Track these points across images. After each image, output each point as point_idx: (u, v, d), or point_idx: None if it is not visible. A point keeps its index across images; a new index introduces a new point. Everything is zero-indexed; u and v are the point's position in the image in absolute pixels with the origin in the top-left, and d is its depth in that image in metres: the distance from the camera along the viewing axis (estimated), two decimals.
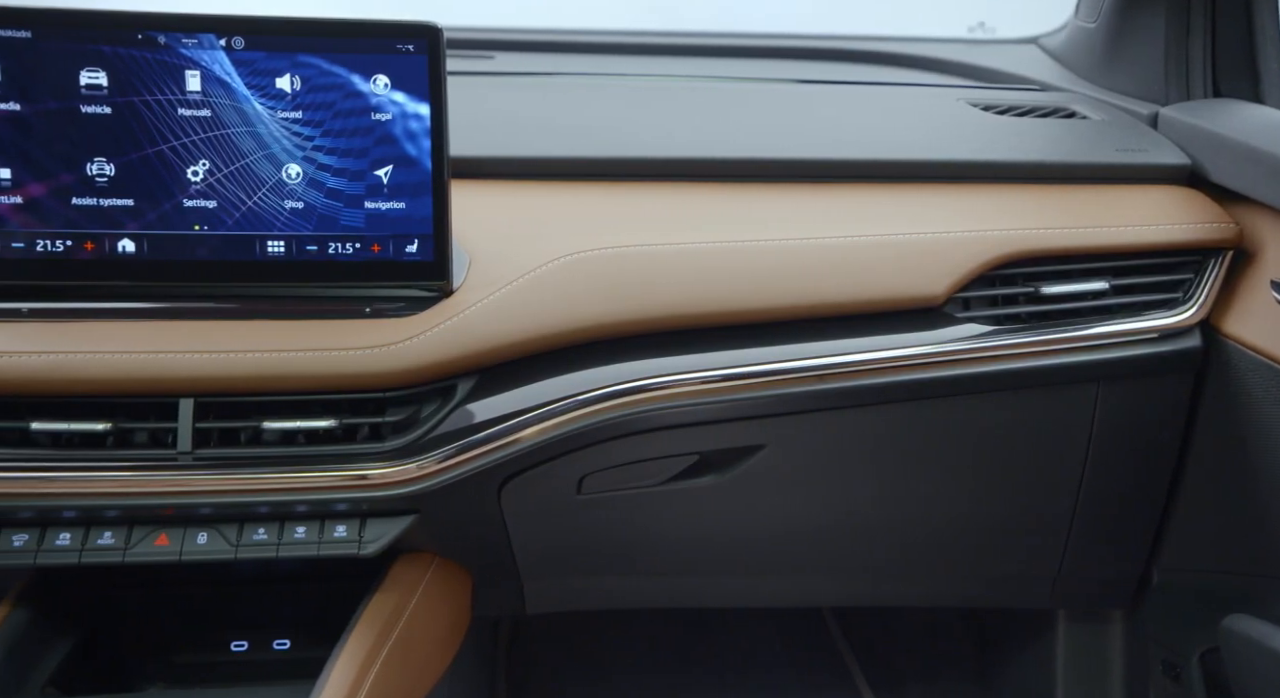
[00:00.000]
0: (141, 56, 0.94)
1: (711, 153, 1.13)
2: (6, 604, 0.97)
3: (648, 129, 1.18)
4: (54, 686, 0.96)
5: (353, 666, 0.92)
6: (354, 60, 0.96)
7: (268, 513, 0.95)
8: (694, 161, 1.12)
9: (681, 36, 1.35)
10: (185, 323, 0.95)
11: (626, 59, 1.35)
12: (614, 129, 1.17)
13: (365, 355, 0.94)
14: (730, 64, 1.37)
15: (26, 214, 0.95)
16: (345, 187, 0.98)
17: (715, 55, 1.38)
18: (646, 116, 1.21)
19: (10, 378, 0.90)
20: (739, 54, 1.40)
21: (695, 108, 1.23)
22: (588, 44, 1.35)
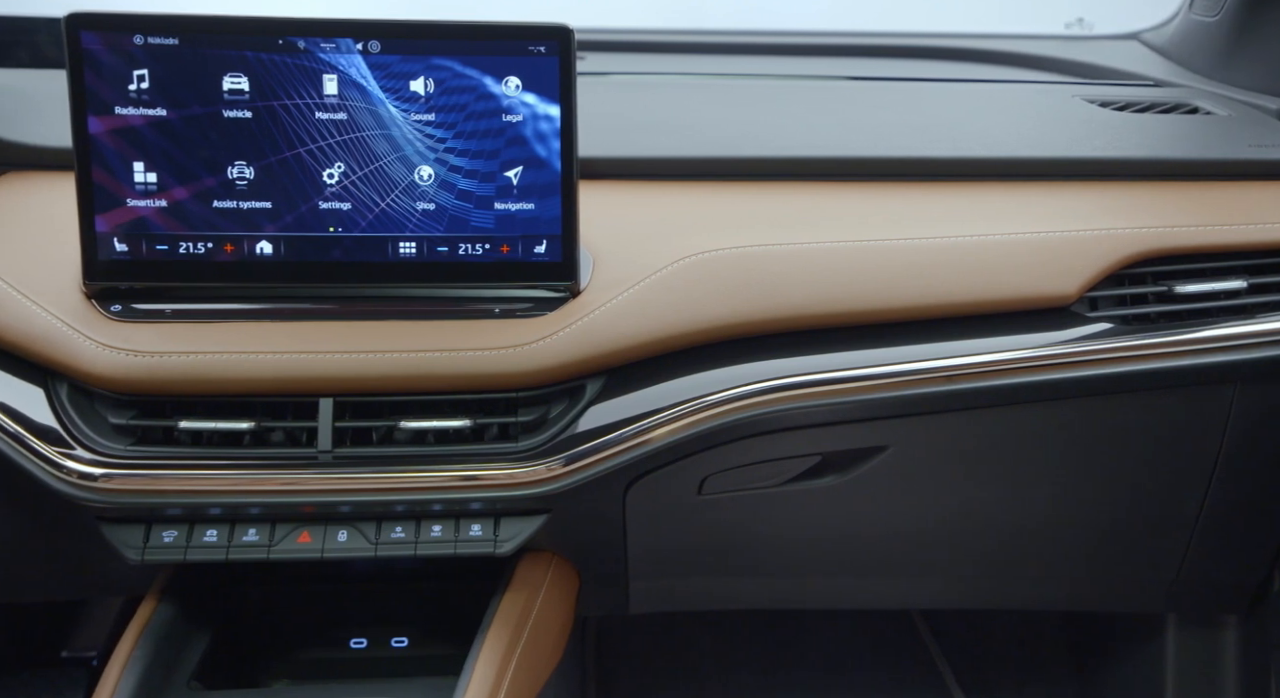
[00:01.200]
0: (282, 61, 0.96)
1: (829, 152, 1.12)
2: (151, 599, 1.00)
3: (761, 128, 1.18)
4: (197, 680, 0.98)
5: (492, 665, 0.93)
6: (486, 62, 0.97)
7: (404, 512, 0.96)
8: (812, 161, 1.12)
9: (774, 35, 1.35)
10: (323, 323, 0.96)
11: (719, 59, 1.35)
12: (727, 129, 1.17)
13: (500, 356, 0.95)
14: (827, 63, 1.36)
15: (170, 217, 0.97)
16: (476, 188, 0.99)
17: (809, 54, 1.37)
18: (757, 116, 1.21)
19: (158, 378, 0.92)
20: (834, 53, 1.39)
21: (804, 107, 1.22)
22: (678, 44, 1.35)
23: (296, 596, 1.14)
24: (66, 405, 0.94)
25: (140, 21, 0.93)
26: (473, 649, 0.96)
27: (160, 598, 1.00)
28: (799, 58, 1.30)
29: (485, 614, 1.00)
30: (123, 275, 0.97)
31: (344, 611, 1.16)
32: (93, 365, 0.92)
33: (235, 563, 0.97)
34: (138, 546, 0.94)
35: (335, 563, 1.02)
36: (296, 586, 1.14)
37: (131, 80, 0.94)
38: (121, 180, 0.96)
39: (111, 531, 0.94)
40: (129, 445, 0.93)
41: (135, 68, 0.94)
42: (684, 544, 1.17)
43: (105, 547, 0.96)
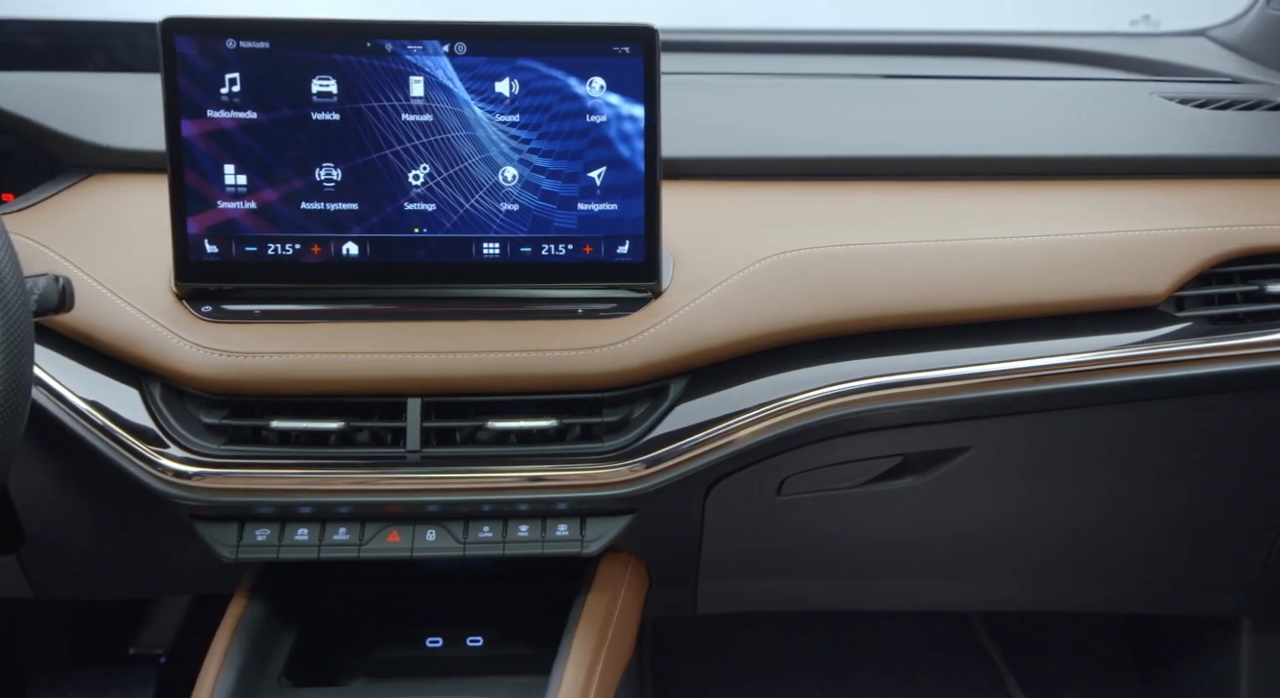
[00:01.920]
0: (369, 63, 0.96)
1: (907, 151, 1.12)
2: (241, 598, 1.01)
3: (835, 128, 1.17)
4: (286, 677, 0.99)
5: (581, 666, 0.94)
6: (571, 63, 0.97)
7: (490, 512, 0.97)
8: (890, 160, 1.11)
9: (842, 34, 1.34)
10: (410, 324, 0.97)
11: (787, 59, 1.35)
12: (801, 128, 1.17)
13: (587, 356, 0.95)
14: (894, 62, 1.35)
15: (259, 219, 0.98)
16: (559, 188, 1.00)
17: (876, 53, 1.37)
18: (830, 115, 1.20)
19: (251, 378, 0.93)
20: (901, 52, 1.38)
21: (876, 105, 1.22)
22: (745, 44, 1.34)
23: (372, 594, 1.15)
24: (160, 405, 0.95)
25: (233, 25, 0.94)
26: (560, 650, 0.96)
27: (249, 597, 1.01)
28: (866, 57, 1.29)
29: (570, 615, 1.01)
30: (213, 277, 0.98)
31: (419, 610, 1.17)
32: (188, 366, 0.93)
33: (320, 562, 0.98)
34: (232, 544, 0.95)
35: (410, 562, 1.03)
36: (372, 585, 1.15)
37: (223, 83, 0.95)
38: (212, 183, 0.97)
39: (206, 529, 0.95)
40: (222, 445, 0.95)
41: (227, 71, 0.95)
42: (759, 545, 1.17)
43: (198, 545, 0.97)
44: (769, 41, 1.24)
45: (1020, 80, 1.34)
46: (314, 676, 1.06)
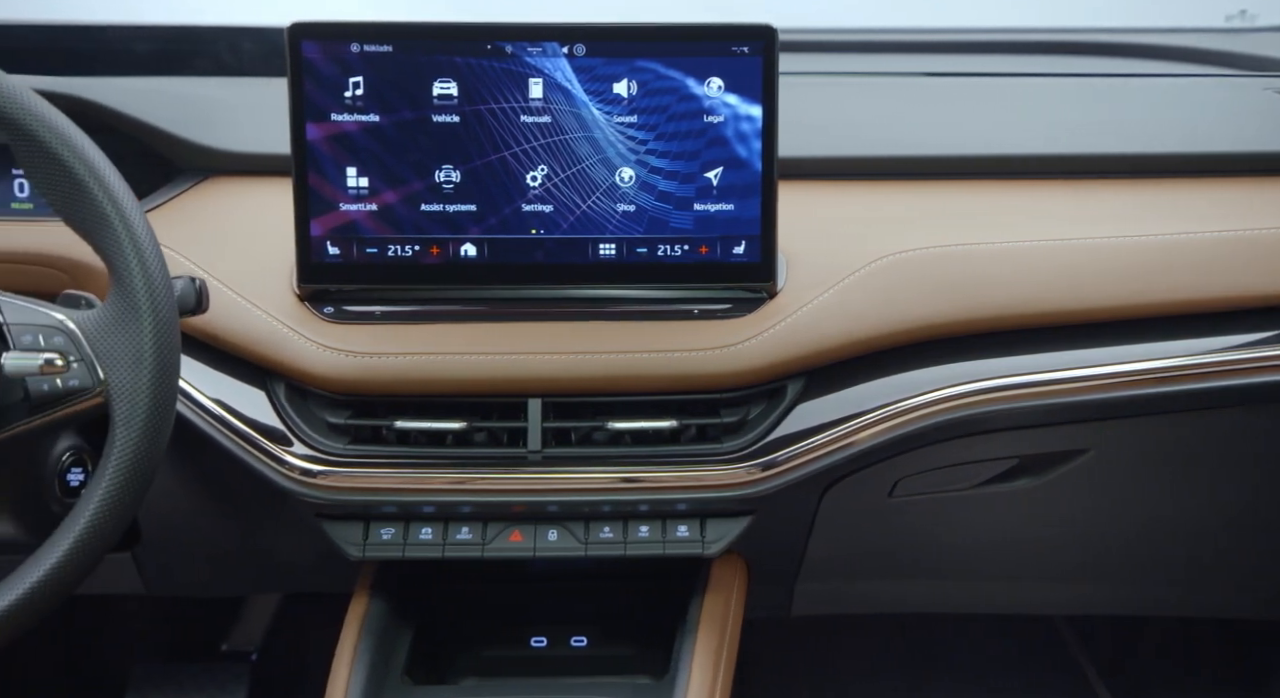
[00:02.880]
0: (489, 66, 0.97)
1: (1018, 149, 1.10)
2: (362, 597, 1.02)
3: (942, 126, 1.16)
4: (406, 675, 1.00)
5: (708, 669, 0.93)
6: (689, 63, 0.97)
7: (611, 512, 0.97)
8: (1003, 158, 1.10)
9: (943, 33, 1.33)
10: (529, 324, 0.98)
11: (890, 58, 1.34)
12: (911, 127, 1.16)
13: (709, 357, 0.95)
14: (995, 60, 1.34)
15: (380, 220, 0.99)
16: (676, 189, 1.00)
17: (975, 52, 1.35)
18: (937, 113, 1.19)
19: (376, 378, 0.94)
20: (1001, 49, 1.37)
21: (982, 104, 1.20)
22: (836, 44, 1.33)
23: (476, 593, 1.16)
24: (285, 405, 0.97)
25: (357, 30, 0.95)
26: (682, 651, 0.96)
27: (370, 595, 1.02)
28: (967, 56, 1.28)
29: (688, 616, 1.01)
30: (334, 278, 0.99)
31: (521, 609, 1.17)
32: (316, 366, 0.94)
33: (435, 561, 0.99)
34: (358, 542, 0.96)
35: (513, 561, 1.03)
36: (476, 584, 1.16)
37: (347, 87, 0.96)
38: (335, 185, 0.98)
39: (332, 527, 0.96)
40: (346, 444, 0.96)
41: (351, 75, 0.96)
42: (865, 547, 1.16)
43: (315, 544, 0.98)
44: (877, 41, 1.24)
45: (1126, 77, 1.32)
46: (427, 674, 1.07)
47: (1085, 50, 1.31)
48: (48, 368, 0.76)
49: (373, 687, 0.95)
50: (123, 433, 0.77)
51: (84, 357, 0.77)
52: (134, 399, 0.77)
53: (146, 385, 0.77)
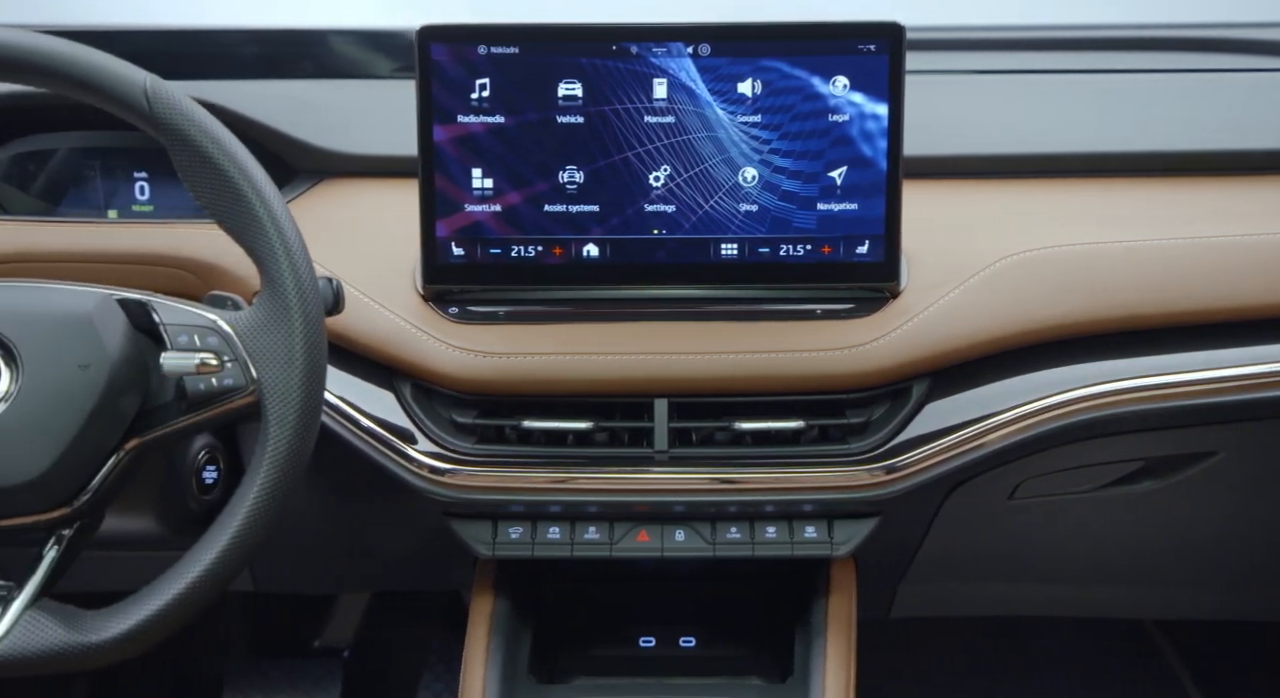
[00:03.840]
0: (614, 66, 0.97)
1: (1141, 146, 1.09)
2: (486, 596, 1.03)
3: (1062, 124, 1.14)
4: (530, 674, 1.01)
5: (841, 671, 0.93)
6: (814, 62, 0.97)
7: (737, 512, 0.97)
8: (1125, 156, 1.08)
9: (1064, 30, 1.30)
10: (654, 324, 0.98)
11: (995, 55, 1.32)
12: (1027, 124, 1.14)
13: (837, 357, 0.94)
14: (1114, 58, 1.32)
15: (503, 221, 1.00)
16: (799, 189, 0.99)
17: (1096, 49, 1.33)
18: (1057, 111, 1.17)
19: (506, 378, 0.95)
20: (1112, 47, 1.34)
21: (1102, 100, 1.18)
22: (957, 42, 1.31)
23: (585, 593, 1.16)
24: (411, 404, 0.97)
25: (485, 32, 0.96)
26: (813, 654, 0.96)
27: (494, 595, 1.03)
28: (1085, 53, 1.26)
29: (812, 617, 1.00)
30: (458, 279, 1.00)
31: (629, 609, 1.17)
32: (446, 366, 0.95)
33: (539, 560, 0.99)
34: (487, 541, 0.96)
35: (618, 561, 1.03)
36: (586, 583, 1.16)
37: (473, 89, 0.97)
38: (460, 186, 0.99)
39: (461, 526, 0.97)
40: (474, 444, 0.96)
41: (478, 77, 0.97)
42: (979, 549, 1.15)
43: (442, 542, 0.99)
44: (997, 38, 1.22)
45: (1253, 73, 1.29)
46: (544, 673, 1.07)
47: (1210, 47, 1.28)
48: (203, 368, 0.78)
49: (507, 686, 0.96)
50: (276, 431, 0.78)
51: (237, 357, 0.79)
52: (286, 398, 0.78)
53: (298, 385, 0.78)
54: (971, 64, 1.20)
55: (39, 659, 0.74)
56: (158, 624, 0.76)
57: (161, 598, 0.76)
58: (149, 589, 0.78)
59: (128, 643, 0.75)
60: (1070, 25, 1.24)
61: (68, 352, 0.76)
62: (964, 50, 1.22)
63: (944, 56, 1.19)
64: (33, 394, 0.75)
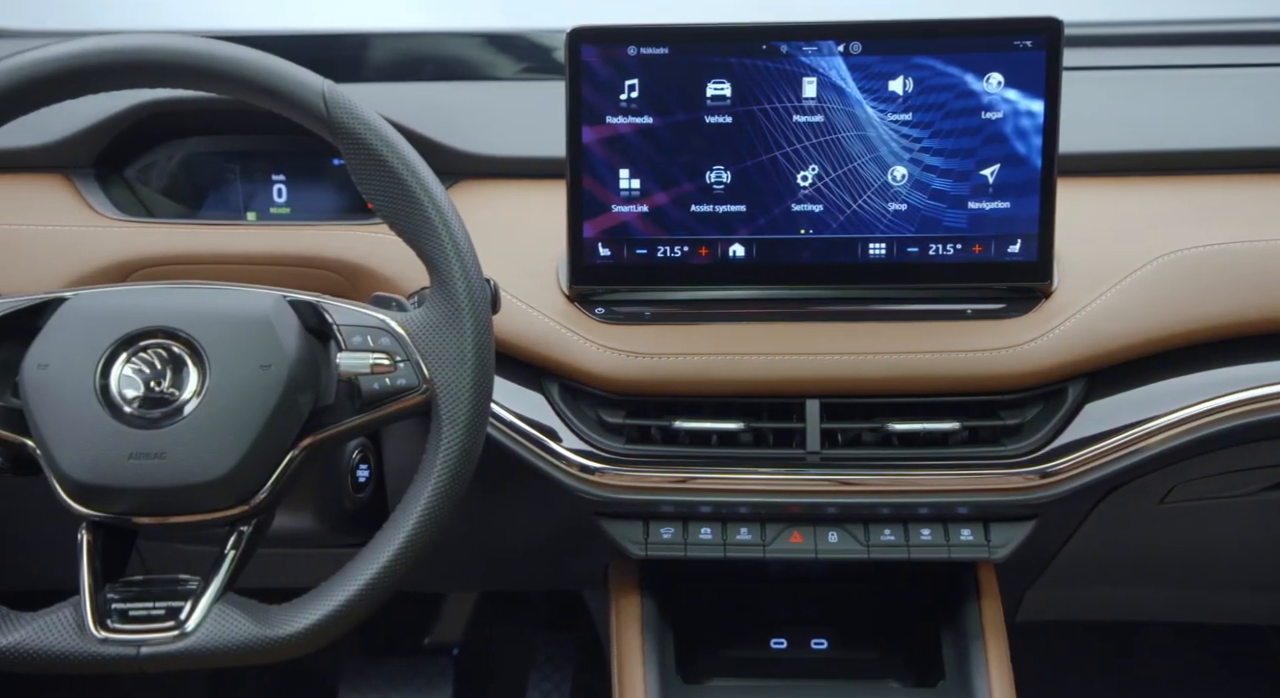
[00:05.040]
0: (763, 66, 0.97)
1: None
2: (633, 595, 1.03)
3: (1210, 120, 1.12)
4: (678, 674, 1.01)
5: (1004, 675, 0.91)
6: (968, 59, 0.95)
7: (890, 514, 0.96)
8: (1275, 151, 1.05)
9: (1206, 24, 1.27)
10: (803, 325, 0.97)
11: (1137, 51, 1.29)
12: (1174, 121, 1.12)
13: (992, 358, 0.93)
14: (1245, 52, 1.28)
15: (650, 222, 1.00)
16: (950, 187, 0.98)
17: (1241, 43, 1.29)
18: (1203, 107, 1.15)
19: (657, 378, 0.95)
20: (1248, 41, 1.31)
21: (1253, 96, 1.15)
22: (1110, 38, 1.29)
23: (717, 593, 1.16)
24: (559, 404, 0.98)
25: (635, 33, 0.96)
26: (974, 658, 0.95)
27: (641, 595, 1.03)
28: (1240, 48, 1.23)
29: (965, 621, 0.99)
30: (604, 279, 1.01)
31: (761, 610, 1.17)
32: (597, 366, 0.95)
33: (685, 561, 0.99)
34: (639, 541, 0.97)
35: (756, 563, 1.02)
36: (718, 583, 1.16)
37: (622, 90, 0.97)
38: (608, 187, 0.99)
39: (612, 526, 0.97)
40: (623, 444, 0.97)
41: (627, 78, 0.97)
42: (1119, 553, 1.12)
43: (588, 542, 0.99)
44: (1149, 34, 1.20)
45: None
46: (683, 674, 1.07)
47: None
48: (377, 368, 0.79)
49: (665, 687, 0.96)
50: (449, 430, 0.78)
51: (409, 357, 0.79)
52: (458, 398, 0.79)
53: (469, 384, 0.79)
54: (1121, 59, 1.18)
55: (229, 652, 0.75)
56: (339, 620, 0.77)
57: (343, 594, 0.78)
58: (328, 586, 0.79)
59: (311, 638, 0.77)
60: (1222, 19, 1.21)
61: (250, 352, 0.78)
62: (1115, 46, 1.19)
63: (1093, 52, 1.17)
64: (220, 394, 0.77)
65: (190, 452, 0.75)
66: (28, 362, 0.76)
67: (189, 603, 0.76)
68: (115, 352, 0.77)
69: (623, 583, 1.05)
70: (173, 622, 0.75)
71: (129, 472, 0.75)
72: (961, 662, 0.97)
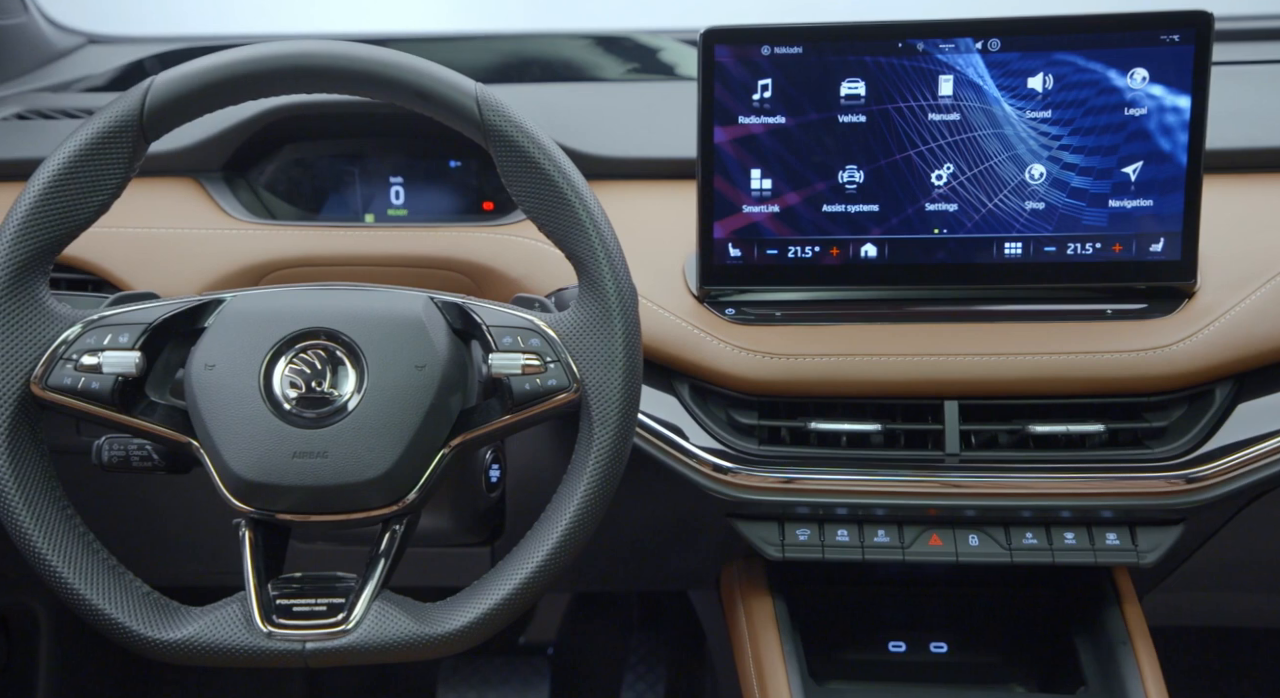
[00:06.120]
0: (899, 64, 0.96)
1: None
2: (763, 596, 1.02)
3: None
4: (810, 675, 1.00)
5: (1159, 682, 0.89)
6: (1112, 55, 0.94)
7: (1031, 517, 0.94)
8: None
9: None
10: (939, 325, 0.96)
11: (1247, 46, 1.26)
12: None
13: (1137, 359, 0.91)
14: None
15: (781, 222, 0.99)
16: (1090, 185, 0.96)
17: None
18: None
19: (794, 378, 0.94)
20: None
21: None
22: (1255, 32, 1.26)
23: (836, 596, 1.15)
24: (691, 405, 0.98)
25: (769, 33, 0.96)
26: (1123, 664, 0.93)
27: (772, 596, 1.02)
28: None
29: (1109, 626, 0.97)
30: (734, 280, 1.00)
31: (879, 613, 1.15)
32: (732, 367, 0.95)
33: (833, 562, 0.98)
34: (776, 542, 0.96)
35: (871, 566, 1.01)
36: (836, 586, 1.15)
37: (755, 90, 0.97)
38: (739, 188, 0.99)
39: (747, 527, 0.97)
40: (758, 445, 0.96)
41: (760, 78, 0.96)
42: (1251, 558, 1.09)
43: (714, 542, 0.99)
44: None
45: None
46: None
47: None
48: (528, 368, 0.79)
49: (809, 688, 0.96)
50: (600, 431, 0.78)
51: (559, 358, 0.80)
52: (608, 399, 0.79)
53: (619, 385, 0.79)
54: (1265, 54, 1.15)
55: (390, 649, 0.76)
56: (495, 618, 0.78)
57: (499, 592, 0.78)
58: (483, 584, 0.79)
59: (468, 635, 0.77)
60: None
61: (405, 352, 0.78)
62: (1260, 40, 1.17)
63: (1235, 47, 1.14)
64: (379, 394, 0.77)
65: (350, 451, 0.76)
66: (195, 362, 0.78)
67: (349, 600, 0.77)
68: (278, 352, 0.78)
69: (750, 584, 1.04)
70: (335, 618, 0.76)
71: (293, 470, 0.76)
72: (1106, 668, 0.95)
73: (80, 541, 0.76)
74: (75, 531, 0.76)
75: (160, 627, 0.75)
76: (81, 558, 0.76)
